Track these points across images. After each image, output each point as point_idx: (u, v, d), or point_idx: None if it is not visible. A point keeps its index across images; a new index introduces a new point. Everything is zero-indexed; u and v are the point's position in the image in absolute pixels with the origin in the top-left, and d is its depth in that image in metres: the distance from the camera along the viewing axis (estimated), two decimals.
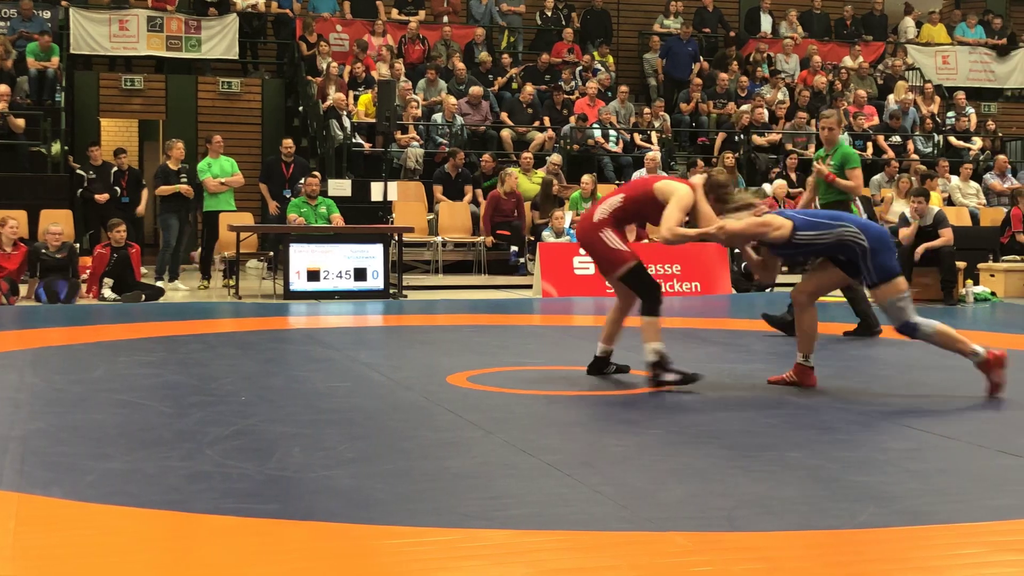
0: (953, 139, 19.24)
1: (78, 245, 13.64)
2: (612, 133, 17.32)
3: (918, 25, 22.27)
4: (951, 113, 19.85)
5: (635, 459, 4.84)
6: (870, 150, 18.40)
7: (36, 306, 11.65)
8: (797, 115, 18.32)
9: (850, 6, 22.00)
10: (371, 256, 12.64)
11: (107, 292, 12.17)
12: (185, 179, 13.74)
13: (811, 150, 17.90)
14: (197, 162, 14.33)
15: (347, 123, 16.27)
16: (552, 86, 18.24)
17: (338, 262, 12.50)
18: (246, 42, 18.71)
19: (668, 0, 20.95)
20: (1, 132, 15.35)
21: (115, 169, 14.57)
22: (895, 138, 18.65)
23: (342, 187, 15.17)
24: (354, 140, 16.29)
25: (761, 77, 19.74)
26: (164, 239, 13.75)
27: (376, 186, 14.92)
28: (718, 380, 6.96)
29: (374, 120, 15.92)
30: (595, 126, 17.30)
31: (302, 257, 12.39)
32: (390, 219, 14.43)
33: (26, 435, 5.20)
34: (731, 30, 21.11)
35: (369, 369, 7.38)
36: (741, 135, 17.94)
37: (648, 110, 18.23)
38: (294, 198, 13.89)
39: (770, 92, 19.05)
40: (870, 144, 18.45)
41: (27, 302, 11.93)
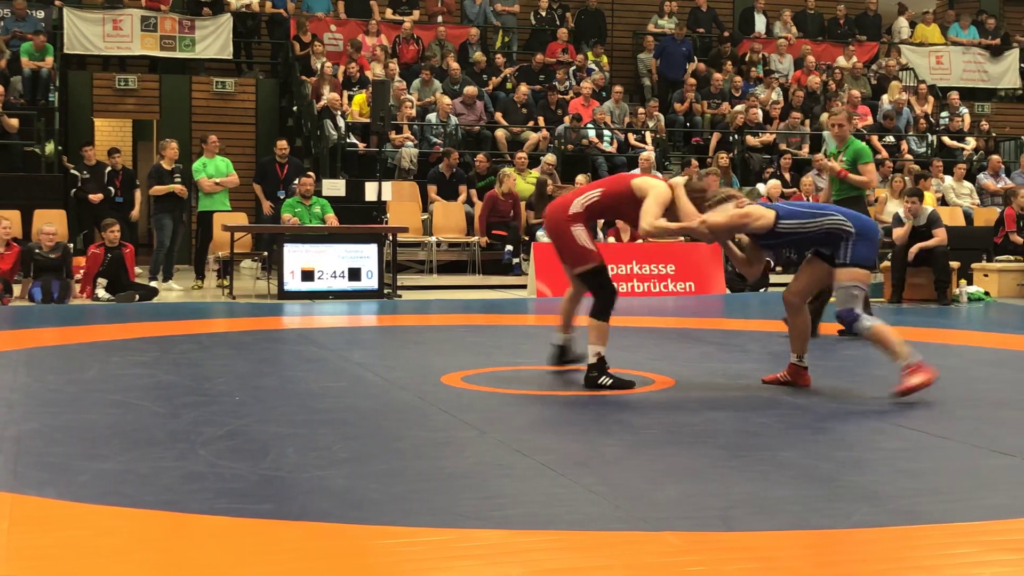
0: (947, 139, 19.28)
1: (72, 245, 13.61)
2: (606, 133, 17.33)
3: (912, 25, 22.29)
4: (945, 113, 19.88)
5: (629, 459, 4.84)
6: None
7: (29, 306, 11.63)
8: (791, 115, 18.34)
9: (843, 5, 22.02)
10: (365, 256, 12.64)
11: (101, 292, 12.16)
12: (179, 179, 13.72)
13: (805, 150, 17.94)
14: (191, 162, 14.32)
15: (341, 123, 16.27)
16: (546, 86, 18.25)
17: (332, 262, 12.50)
18: (240, 42, 18.69)
19: (662, 0, 20.96)
20: None
21: (109, 169, 14.56)
22: (889, 138, 18.67)
23: (336, 187, 15.16)
24: (348, 140, 16.28)
25: (755, 77, 19.76)
26: (158, 239, 13.74)
27: (370, 186, 14.92)
28: (712, 380, 6.96)
29: (368, 120, 15.90)
30: (589, 126, 17.31)
31: (296, 257, 12.39)
32: (384, 219, 14.43)
33: (19, 435, 5.20)
34: (725, 30, 21.13)
35: (363, 369, 7.38)
36: (735, 135, 17.95)
37: (642, 110, 18.24)
38: (288, 198, 13.88)
39: (764, 92, 19.07)
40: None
41: (20, 302, 11.92)
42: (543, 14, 20.45)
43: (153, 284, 13.08)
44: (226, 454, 4.81)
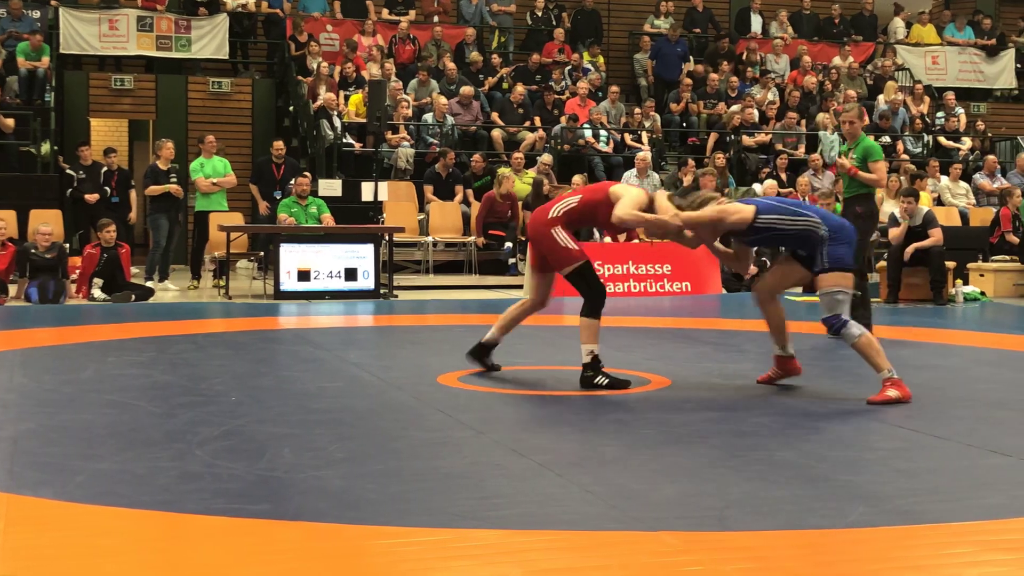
0: (943, 139, 19.29)
1: (68, 245, 13.60)
2: (603, 133, 17.32)
3: (908, 25, 22.31)
4: (940, 113, 19.88)
5: (626, 459, 4.84)
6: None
7: (25, 306, 11.62)
8: (787, 115, 18.35)
9: (837, 5, 22.02)
10: (362, 256, 12.63)
11: (97, 292, 12.15)
12: (175, 179, 13.70)
13: (801, 150, 17.95)
14: (187, 162, 14.29)
15: (337, 123, 16.26)
16: (543, 86, 18.25)
17: (328, 262, 12.49)
18: (236, 42, 18.68)
19: (658, 0, 20.96)
20: None
21: (105, 169, 14.54)
22: (885, 138, 18.66)
23: (332, 187, 15.16)
24: (344, 140, 16.27)
25: (751, 77, 19.77)
26: (154, 239, 13.73)
27: (367, 186, 14.92)
28: (708, 380, 6.97)
29: (364, 120, 15.90)
30: (586, 126, 17.31)
31: (292, 257, 12.38)
32: (381, 219, 14.42)
33: (16, 436, 5.19)
34: (722, 30, 21.14)
35: (359, 369, 7.37)
36: (731, 135, 17.95)
37: (639, 110, 18.24)
38: (285, 198, 13.88)
39: (760, 92, 19.07)
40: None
41: (16, 302, 11.90)
42: (539, 14, 20.44)
43: (149, 284, 13.07)
44: (222, 454, 4.80)
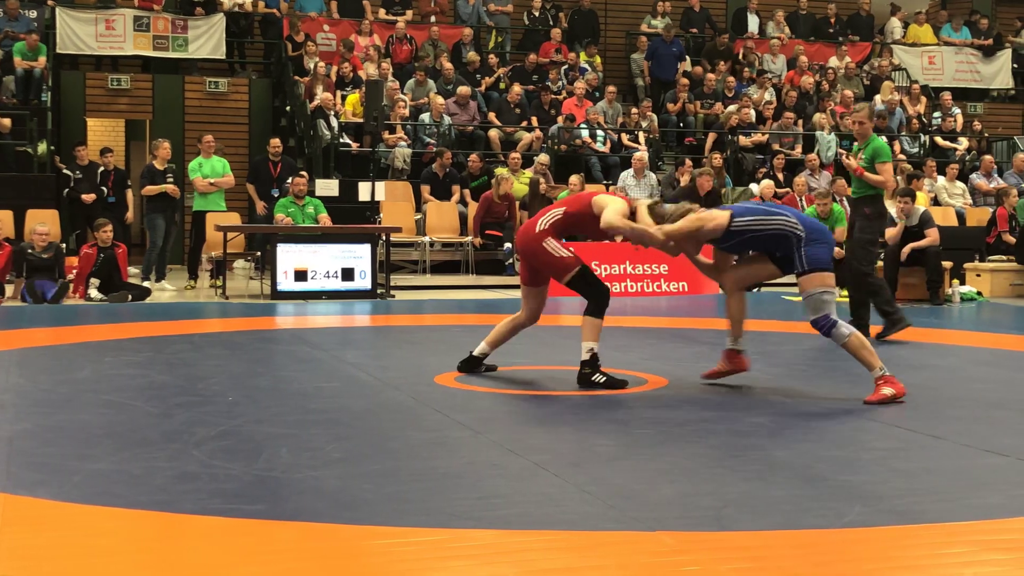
0: (939, 139, 19.29)
1: (64, 245, 13.59)
2: (600, 133, 17.32)
3: (904, 25, 22.32)
4: (937, 113, 19.90)
5: (623, 459, 4.84)
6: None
7: (22, 306, 11.61)
8: (784, 115, 18.35)
9: (833, 5, 22.03)
10: (359, 256, 12.63)
11: (93, 292, 12.14)
12: (171, 179, 13.70)
13: (798, 150, 17.95)
14: (184, 162, 14.28)
15: (334, 123, 16.25)
16: (540, 86, 18.25)
17: (326, 262, 12.49)
18: (233, 42, 18.66)
19: (655, 0, 20.96)
20: None
21: (101, 169, 14.53)
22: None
23: (329, 187, 15.15)
24: (341, 140, 16.27)
25: (748, 77, 19.77)
26: (151, 239, 13.72)
27: (364, 186, 14.91)
28: (705, 380, 6.95)
29: (362, 120, 15.90)
30: (583, 126, 17.30)
31: (289, 257, 12.38)
32: (378, 219, 14.42)
33: (12, 436, 5.19)
34: (718, 30, 21.14)
35: (356, 369, 7.37)
36: (728, 135, 17.96)
37: (636, 110, 18.24)
38: (282, 198, 13.87)
39: (757, 92, 19.08)
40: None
41: (13, 302, 11.89)
42: (536, 14, 20.44)
43: (146, 284, 13.06)
44: (219, 454, 4.80)
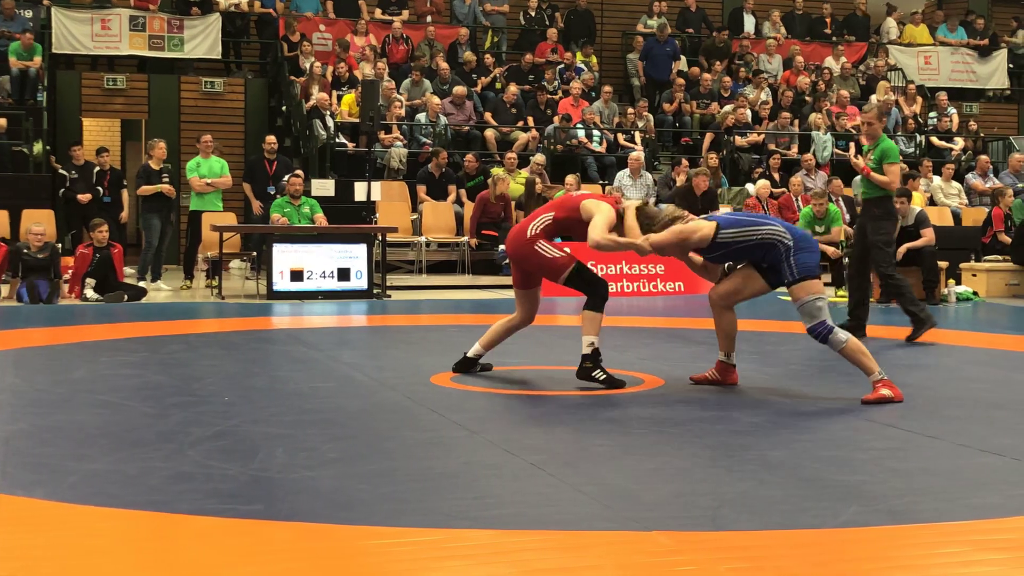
0: (935, 139, 19.32)
1: (60, 245, 13.58)
2: (596, 133, 17.33)
3: (900, 26, 22.34)
4: (933, 113, 19.92)
5: (619, 459, 4.84)
6: (852, 150, 18.45)
7: (18, 306, 11.59)
8: (780, 115, 18.37)
9: (828, 5, 22.06)
10: (355, 256, 12.62)
11: (89, 292, 12.13)
12: (167, 179, 13.68)
13: (794, 150, 17.96)
14: (180, 162, 14.26)
15: (330, 123, 16.25)
16: (536, 86, 18.25)
17: (322, 262, 12.48)
18: (229, 41, 18.66)
19: (651, 0, 20.97)
20: None
21: (97, 169, 14.51)
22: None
23: (325, 187, 15.15)
24: (337, 140, 16.26)
25: (744, 77, 19.79)
26: (146, 239, 13.70)
27: (360, 186, 14.90)
28: None
29: (358, 120, 15.89)
30: (579, 126, 17.31)
31: (285, 257, 12.37)
32: (374, 219, 14.41)
33: (8, 436, 5.18)
34: (715, 30, 21.16)
35: (352, 369, 7.37)
36: (725, 135, 17.96)
37: (632, 110, 18.26)
38: (278, 195, 13.85)
39: (753, 92, 19.09)
40: (853, 144, 18.51)
41: (9, 302, 11.88)
42: (532, 14, 20.45)
43: (141, 284, 13.05)
44: (215, 454, 4.80)
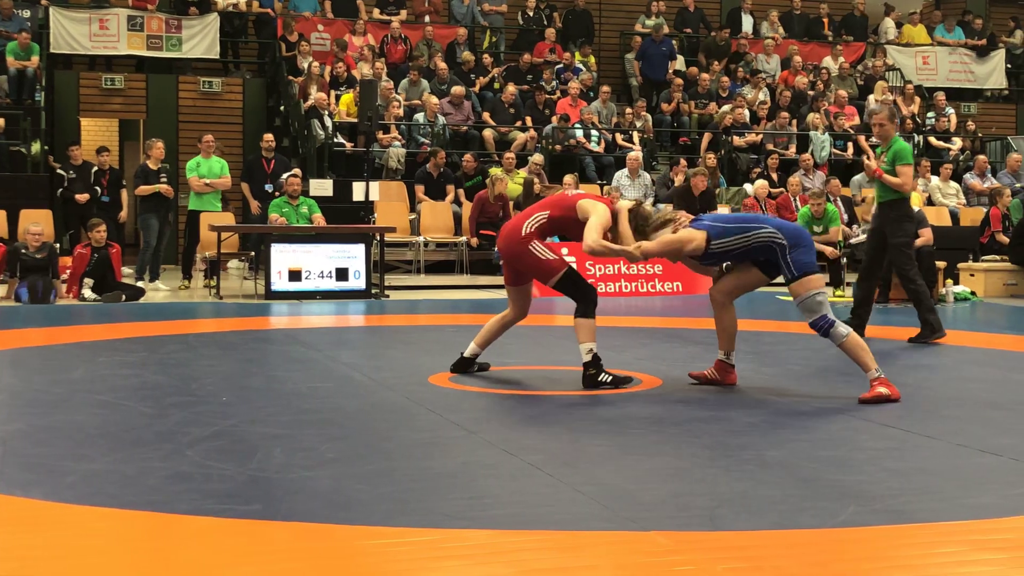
0: (933, 139, 19.33)
1: (58, 245, 13.58)
2: (594, 133, 17.33)
3: (898, 26, 22.35)
4: (931, 113, 19.93)
5: (616, 459, 4.84)
6: (851, 150, 18.48)
7: (16, 306, 11.59)
8: (779, 115, 18.37)
9: (826, 5, 22.07)
10: (353, 256, 12.62)
11: (87, 292, 12.12)
12: (165, 179, 13.68)
13: (792, 150, 17.97)
14: (178, 162, 14.25)
15: (329, 123, 16.24)
16: (534, 86, 18.25)
17: (320, 262, 12.48)
18: (227, 41, 18.66)
19: (649, 0, 20.98)
20: None
21: (95, 169, 14.51)
22: (875, 138, 18.69)
23: (324, 187, 15.14)
24: (336, 140, 16.26)
25: (742, 77, 19.79)
26: (144, 239, 13.70)
27: (358, 186, 14.89)
28: None
29: (356, 120, 15.88)
30: (577, 126, 17.31)
31: (284, 257, 12.37)
32: (372, 219, 14.41)
33: (6, 436, 5.18)
34: (713, 30, 21.16)
35: (351, 369, 7.37)
36: (723, 135, 17.97)
37: (630, 110, 18.26)
38: (276, 193, 13.85)
39: (751, 92, 19.09)
40: (851, 144, 18.53)
41: (7, 302, 11.88)
42: (531, 14, 20.45)
43: (140, 284, 13.05)
44: (213, 454, 4.80)
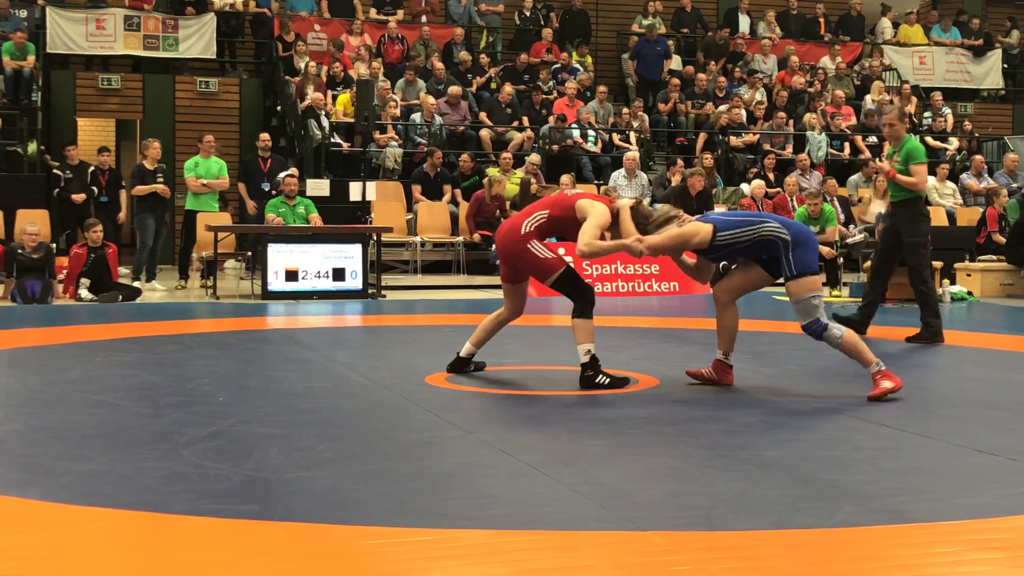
0: (930, 139, 19.33)
1: (55, 245, 13.57)
2: (591, 133, 17.34)
3: (895, 26, 22.37)
4: (928, 113, 19.94)
5: (614, 459, 4.84)
6: (847, 150, 18.49)
7: (12, 306, 11.58)
8: (775, 115, 18.38)
9: (822, 5, 22.08)
10: (349, 256, 12.62)
11: (84, 292, 12.12)
12: (161, 179, 13.67)
13: (789, 150, 17.98)
14: (174, 162, 14.23)
15: (325, 123, 16.24)
16: (531, 86, 18.25)
17: (316, 262, 12.48)
18: (224, 41, 18.65)
19: (646, 0, 20.98)
20: None
21: (92, 169, 14.49)
22: (872, 138, 18.72)
23: (320, 187, 15.14)
24: (332, 140, 16.25)
25: (739, 77, 19.80)
26: (141, 239, 13.70)
27: (355, 186, 14.90)
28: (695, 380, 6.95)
29: (352, 120, 15.88)
30: (574, 126, 17.31)
31: (280, 257, 12.36)
32: (369, 219, 14.41)
33: (2, 436, 5.18)
34: (710, 30, 21.18)
35: (347, 369, 7.36)
36: (719, 135, 17.98)
37: (627, 110, 18.26)
38: (272, 191, 13.84)
39: (748, 92, 19.10)
40: (847, 144, 18.53)
41: (3, 302, 11.87)
42: (527, 14, 20.45)
43: (136, 284, 13.04)
44: (210, 455, 4.79)
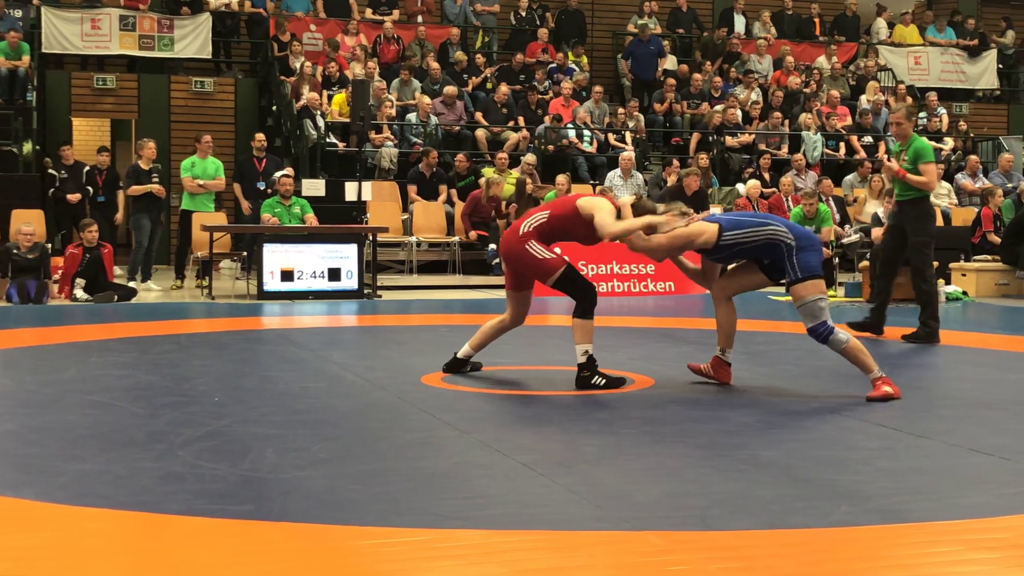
0: (925, 139, 19.33)
1: (50, 245, 13.54)
2: (586, 133, 17.34)
3: (890, 26, 22.38)
4: (923, 114, 19.95)
5: (610, 459, 4.84)
6: (843, 150, 18.50)
7: (7, 306, 11.56)
8: (771, 115, 18.38)
9: (817, 5, 22.10)
10: (345, 256, 12.61)
11: (79, 292, 12.10)
12: (156, 179, 13.66)
13: (784, 150, 17.98)
14: (170, 162, 14.22)
15: (321, 123, 16.23)
16: (527, 86, 18.25)
17: (312, 262, 12.47)
18: (219, 41, 18.62)
19: (642, 0, 20.98)
20: None
21: (87, 169, 14.47)
22: (867, 138, 18.74)
23: (316, 187, 15.13)
24: (328, 140, 16.25)
25: (735, 77, 19.81)
26: (136, 239, 13.68)
27: (350, 186, 14.89)
28: (692, 379, 6.96)
29: (348, 120, 15.88)
30: (569, 126, 17.31)
31: (276, 257, 12.35)
32: (364, 219, 14.39)
33: None
34: (705, 30, 21.19)
35: (343, 369, 7.36)
36: (714, 135, 17.98)
37: (622, 110, 18.26)
38: (268, 191, 13.82)
39: (743, 92, 19.11)
40: (843, 144, 18.55)
41: None
42: (523, 14, 20.45)
43: (132, 284, 13.02)
44: (205, 455, 4.79)
